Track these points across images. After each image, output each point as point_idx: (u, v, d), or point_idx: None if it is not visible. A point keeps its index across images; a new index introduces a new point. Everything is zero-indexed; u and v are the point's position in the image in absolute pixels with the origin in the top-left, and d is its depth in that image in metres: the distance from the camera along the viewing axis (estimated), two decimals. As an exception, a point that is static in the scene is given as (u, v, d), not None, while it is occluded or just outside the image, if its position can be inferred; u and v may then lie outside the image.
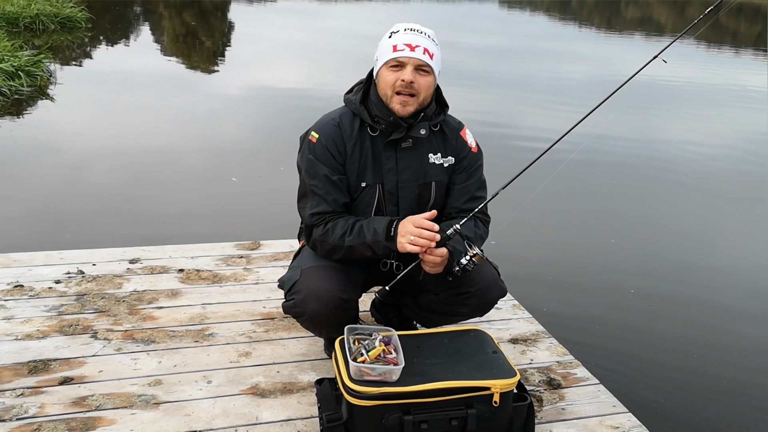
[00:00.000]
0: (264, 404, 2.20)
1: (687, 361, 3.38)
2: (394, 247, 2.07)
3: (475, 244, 2.12)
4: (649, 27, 26.09)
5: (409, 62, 2.09)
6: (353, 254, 2.15)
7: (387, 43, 2.13)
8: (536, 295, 3.73)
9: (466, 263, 2.08)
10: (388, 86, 2.11)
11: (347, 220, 2.16)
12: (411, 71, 2.09)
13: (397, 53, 2.09)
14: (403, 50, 2.08)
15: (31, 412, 2.08)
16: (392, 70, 2.11)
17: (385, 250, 2.11)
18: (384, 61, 2.12)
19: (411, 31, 2.13)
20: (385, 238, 2.08)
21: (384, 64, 2.13)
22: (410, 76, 2.08)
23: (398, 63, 2.10)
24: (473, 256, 2.08)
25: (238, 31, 17.18)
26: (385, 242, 2.08)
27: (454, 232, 2.09)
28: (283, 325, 2.69)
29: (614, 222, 5.31)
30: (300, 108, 8.08)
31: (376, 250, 2.12)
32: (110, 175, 5.52)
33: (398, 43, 2.10)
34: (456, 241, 2.12)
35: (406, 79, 2.08)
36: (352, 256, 2.16)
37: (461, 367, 2.01)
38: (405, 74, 2.09)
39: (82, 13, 14.19)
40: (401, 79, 2.09)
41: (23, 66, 8.44)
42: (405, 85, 2.09)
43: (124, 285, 2.93)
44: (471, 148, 2.31)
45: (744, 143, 8.36)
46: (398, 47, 2.09)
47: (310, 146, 2.19)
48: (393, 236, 2.07)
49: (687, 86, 12.24)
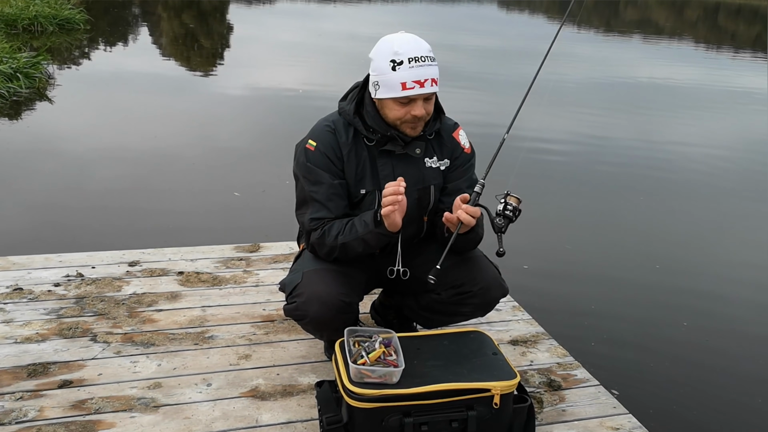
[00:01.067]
0: (264, 407, 2.19)
1: (687, 363, 3.38)
2: (386, 231, 2.05)
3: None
4: (648, 28, 26.13)
5: (420, 98, 2.08)
6: (348, 252, 2.14)
7: (393, 78, 2.05)
8: (536, 296, 3.73)
9: (503, 209, 2.03)
10: (397, 119, 2.12)
11: (342, 221, 2.16)
12: (421, 105, 2.09)
13: (407, 92, 2.05)
14: (413, 87, 2.05)
15: (31, 415, 2.07)
16: (401, 105, 2.09)
17: (377, 238, 2.09)
18: (391, 96, 2.08)
19: (416, 61, 2.06)
20: (374, 225, 2.07)
21: (391, 98, 2.09)
22: (422, 111, 2.09)
23: (408, 99, 2.08)
24: (506, 197, 2.04)
25: (236, 33, 17.18)
26: (375, 229, 2.06)
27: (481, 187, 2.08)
28: (283, 327, 2.68)
29: (615, 223, 5.31)
30: (299, 109, 8.09)
31: (370, 242, 2.10)
32: (109, 177, 5.52)
33: (407, 80, 2.04)
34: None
35: (419, 115, 2.09)
36: (347, 255, 2.15)
37: (461, 369, 2.01)
38: (416, 110, 2.08)
39: (80, 14, 14.20)
40: (412, 114, 2.09)
41: (22, 68, 8.44)
42: (415, 118, 2.10)
43: (123, 288, 2.93)
44: (464, 149, 2.32)
45: (746, 144, 8.38)
46: (407, 85, 2.04)
47: (308, 154, 2.19)
48: (381, 221, 2.06)
49: (687, 88, 12.27)
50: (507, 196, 2.05)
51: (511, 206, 2.04)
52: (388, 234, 2.07)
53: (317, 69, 11.65)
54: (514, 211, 2.05)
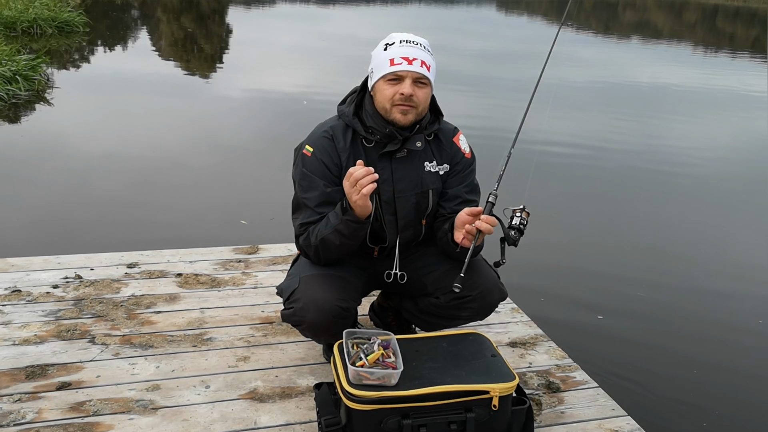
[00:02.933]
0: (262, 409, 2.19)
1: (687, 366, 3.38)
2: (354, 216, 2.03)
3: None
4: (647, 31, 26.17)
5: (408, 75, 2.09)
6: (328, 246, 2.12)
7: (383, 56, 2.12)
8: (535, 298, 3.73)
9: (519, 222, 2.05)
10: (387, 100, 2.11)
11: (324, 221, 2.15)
12: (410, 84, 2.09)
13: (394, 67, 2.08)
14: (401, 64, 2.08)
15: (29, 417, 2.07)
16: (390, 84, 2.11)
17: (351, 227, 2.06)
18: (381, 75, 2.11)
19: (407, 43, 2.12)
20: (342, 212, 2.05)
21: (381, 78, 2.12)
22: (409, 90, 2.08)
23: (396, 77, 2.09)
24: (521, 212, 2.06)
25: (236, 35, 17.20)
26: (344, 216, 2.05)
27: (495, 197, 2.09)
28: (281, 329, 2.68)
29: (614, 225, 5.31)
30: (298, 112, 8.10)
31: (344, 231, 2.07)
32: (107, 179, 5.51)
33: (395, 56, 2.09)
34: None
35: (406, 93, 2.08)
36: (329, 251, 2.14)
37: (460, 371, 2.01)
38: (404, 87, 2.09)
39: (79, 17, 14.20)
40: (400, 93, 2.09)
41: (21, 70, 8.43)
42: (404, 98, 2.09)
43: (122, 289, 2.93)
44: (464, 154, 2.32)
45: (747, 146, 8.40)
46: (395, 61, 2.08)
47: (305, 160, 2.19)
48: (347, 207, 2.04)
49: (688, 90, 12.29)
50: (522, 211, 2.06)
51: (525, 222, 2.06)
52: (358, 220, 2.05)
53: (317, 72, 11.65)
54: (526, 225, 2.07)
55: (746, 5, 37.03)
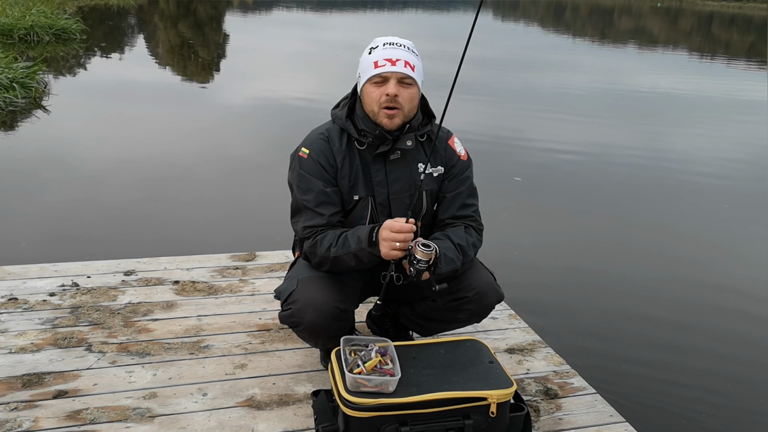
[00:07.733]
0: (260, 416, 2.19)
1: (685, 372, 3.38)
2: (378, 252, 2.07)
3: (469, 252, 2.15)
4: (643, 37, 26.28)
5: (392, 76, 2.12)
6: (339, 265, 2.15)
7: (368, 60, 2.16)
8: (533, 304, 3.73)
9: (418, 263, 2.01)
10: (374, 102, 2.14)
11: (335, 232, 2.16)
12: (394, 85, 2.11)
13: (378, 69, 2.12)
14: (385, 65, 2.12)
15: (25, 426, 2.06)
16: (376, 86, 2.14)
17: (370, 257, 2.10)
18: (367, 78, 2.15)
19: (390, 45, 2.16)
20: (368, 244, 2.08)
21: (367, 81, 2.15)
22: (394, 90, 2.11)
23: (381, 78, 2.13)
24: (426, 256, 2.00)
25: (233, 42, 17.23)
26: (368, 248, 2.08)
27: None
28: (279, 336, 2.68)
29: (612, 231, 5.31)
30: (296, 118, 8.10)
31: (362, 258, 2.11)
32: (104, 186, 5.51)
33: (379, 58, 2.13)
34: (447, 248, 2.13)
35: (391, 93, 2.11)
36: (338, 268, 2.16)
37: (458, 378, 2.01)
38: (389, 88, 2.11)
39: (76, 24, 14.24)
40: (385, 94, 2.12)
41: (18, 78, 8.45)
42: (390, 99, 2.12)
43: (118, 297, 2.92)
44: (460, 156, 2.33)
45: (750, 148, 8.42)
46: (379, 63, 2.12)
47: (301, 162, 2.21)
48: (375, 242, 2.07)
49: (688, 96, 12.34)
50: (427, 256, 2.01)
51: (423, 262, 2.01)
52: (380, 256, 2.08)
53: (314, 78, 11.68)
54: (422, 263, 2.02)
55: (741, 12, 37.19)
